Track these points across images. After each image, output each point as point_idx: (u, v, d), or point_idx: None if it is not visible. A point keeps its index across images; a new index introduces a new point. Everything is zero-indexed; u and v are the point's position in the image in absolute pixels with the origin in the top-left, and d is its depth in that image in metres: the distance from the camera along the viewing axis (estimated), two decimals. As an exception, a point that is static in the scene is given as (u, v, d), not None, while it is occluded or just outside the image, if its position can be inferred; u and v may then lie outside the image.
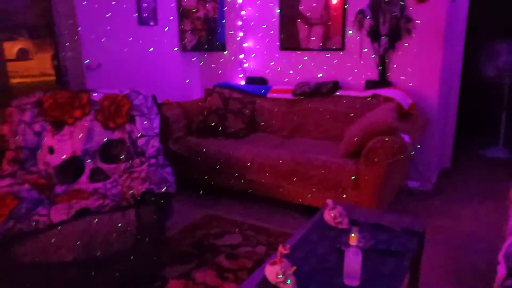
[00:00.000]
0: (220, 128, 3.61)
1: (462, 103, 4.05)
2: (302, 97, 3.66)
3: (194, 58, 4.38)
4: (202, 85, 4.41)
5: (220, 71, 4.31)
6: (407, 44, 3.39)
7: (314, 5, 3.74)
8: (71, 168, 2.63)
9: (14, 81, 3.80)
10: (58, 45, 3.44)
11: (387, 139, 2.66)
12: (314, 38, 3.80)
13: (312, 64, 3.85)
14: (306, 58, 3.88)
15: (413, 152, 2.99)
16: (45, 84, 4.68)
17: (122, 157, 2.66)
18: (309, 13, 3.79)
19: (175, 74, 4.21)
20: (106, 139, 2.67)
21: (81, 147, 2.64)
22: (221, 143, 3.42)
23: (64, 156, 2.60)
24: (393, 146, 2.64)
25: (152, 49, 3.88)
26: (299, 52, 3.91)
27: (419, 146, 3.31)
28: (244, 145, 3.32)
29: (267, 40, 4.08)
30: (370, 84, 3.54)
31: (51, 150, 2.61)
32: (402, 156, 2.68)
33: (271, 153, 3.10)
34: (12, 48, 4.11)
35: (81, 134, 2.66)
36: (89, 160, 2.63)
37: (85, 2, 3.30)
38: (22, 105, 2.63)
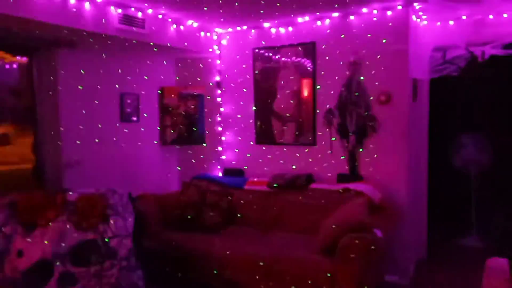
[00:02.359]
0: (196, 222, 3.60)
1: (432, 192, 4.21)
2: (277, 189, 3.75)
3: (171, 152, 4.51)
4: (180, 177, 4.49)
5: (200, 164, 4.42)
6: (372, 142, 3.61)
7: (287, 103, 4.01)
8: (39, 272, 2.55)
9: None
10: (39, 137, 3.50)
11: (359, 236, 2.71)
12: (287, 134, 4.02)
13: (286, 157, 4.02)
14: (280, 151, 4.06)
15: (385, 247, 3.03)
16: (23, 172, 4.66)
17: (93, 261, 2.60)
18: (282, 110, 4.05)
19: (154, 166, 4.30)
20: (78, 240, 2.64)
21: (52, 249, 2.59)
22: (197, 238, 3.40)
23: (33, 260, 2.54)
24: (366, 243, 2.69)
25: (133, 144, 4.01)
26: (273, 145, 4.10)
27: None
28: (220, 241, 3.30)
29: (244, 134, 4.28)
30: (341, 178, 3.68)
31: (20, 254, 2.55)
32: (375, 252, 2.71)
33: (247, 250, 3.09)
34: None
35: (52, 236, 2.62)
36: (58, 263, 2.57)
37: (69, 97, 3.46)
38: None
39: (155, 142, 4.32)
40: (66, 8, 2.94)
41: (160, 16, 3.64)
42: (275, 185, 3.77)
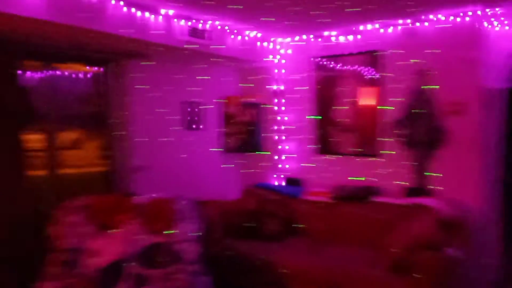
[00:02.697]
0: (256, 231, 3.61)
1: (508, 210, 3.91)
2: (337, 200, 3.67)
3: (233, 160, 4.58)
4: (240, 185, 4.54)
5: (259, 172, 4.45)
6: (442, 154, 3.43)
7: (348, 113, 3.94)
8: (112, 272, 2.67)
9: (64, 171, 3.90)
10: (110, 142, 3.68)
11: (435, 254, 2.57)
12: (348, 144, 3.94)
13: (347, 168, 3.93)
14: (341, 162, 3.98)
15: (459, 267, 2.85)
16: (93, 176, 4.90)
17: (162, 264, 2.68)
18: (343, 120, 3.98)
19: (215, 173, 4.38)
20: (148, 243, 2.74)
21: (123, 251, 2.71)
22: (258, 246, 3.40)
23: (106, 260, 2.67)
24: (442, 262, 2.55)
25: (196, 151, 4.12)
26: (334, 155, 4.03)
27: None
28: (280, 250, 3.28)
29: (303, 143, 4.25)
30: (408, 191, 3.53)
31: (95, 253, 2.69)
32: (451, 273, 2.56)
33: (309, 262, 3.04)
34: (65, 137, 4.24)
35: (124, 238, 2.74)
36: (130, 265, 2.67)
37: (138, 105, 3.63)
38: (72, 208, 2.78)
39: (217, 149, 4.41)
40: (139, 22, 3.10)
41: (221, 28, 3.74)
42: (335, 196, 3.69)
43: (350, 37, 3.94)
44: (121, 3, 2.95)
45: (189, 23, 3.41)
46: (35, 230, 2.89)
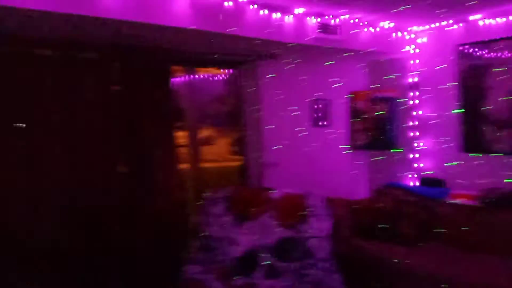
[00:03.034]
0: (390, 232, 3.42)
1: None
2: (488, 205, 3.24)
3: (361, 157, 4.42)
4: (369, 184, 4.36)
5: (391, 170, 4.21)
6: None
7: (502, 105, 3.44)
8: (248, 261, 2.82)
9: (203, 165, 4.25)
10: (244, 139, 3.88)
11: None
12: (503, 141, 3.44)
13: (500, 169, 3.44)
14: (492, 161, 3.50)
15: None
16: (228, 170, 5.22)
17: (294, 258, 2.74)
18: (495, 114, 3.49)
19: (343, 171, 4.30)
20: (281, 236, 2.83)
21: (258, 242, 2.84)
22: (391, 249, 3.21)
23: (243, 249, 2.84)
24: None
25: (323, 148, 4.10)
26: (483, 154, 3.57)
27: None
28: (416, 255, 3.05)
29: (444, 140, 3.86)
30: None
31: (234, 242, 2.88)
32: None
33: (448, 270, 2.75)
34: (202, 134, 4.60)
35: (260, 230, 2.87)
36: (264, 256, 2.79)
37: (269, 103, 3.77)
38: (214, 198, 3.03)
39: (345, 146, 4.32)
40: (270, 23, 3.19)
41: (352, 21, 3.62)
42: (485, 200, 3.27)
43: (501, 20, 3.44)
44: (256, 6, 3.09)
45: (319, 20, 3.40)
46: (183, 218, 3.23)
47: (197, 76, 4.40)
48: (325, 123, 4.16)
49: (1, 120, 2.55)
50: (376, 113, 4.22)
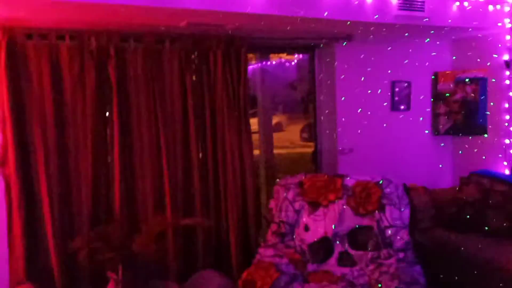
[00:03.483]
0: (476, 224, 3.17)
1: None
2: None
3: (445, 143, 4.12)
4: (454, 171, 4.05)
5: (479, 157, 3.87)
6: None
7: None
8: (322, 248, 2.81)
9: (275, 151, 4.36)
10: (317, 124, 3.83)
11: None
12: None
13: None
14: None
15: None
16: (300, 156, 5.17)
17: (370, 246, 2.67)
18: None
19: (424, 158, 4.04)
20: (355, 224, 2.76)
21: (332, 229, 2.81)
22: (478, 241, 2.98)
23: (316, 235, 2.82)
24: None
25: (402, 133, 3.89)
26: None
27: None
28: (508, 251, 2.79)
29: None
30: None
31: (306, 228, 2.88)
32: None
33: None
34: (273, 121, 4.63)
35: (333, 217, 2.84)
36: (338, 243, 2.76)
37: (344, 87, 3.65)
38: (287, 184, 3.04)
39: (426, 131, 4.05)
40: (349, 2, 3.05)
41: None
42: None
43: None
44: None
45: (402, -4, 3.18)
46: (256, 203, 3.30)
47: (269, 63, 4.42)
48: (405, 106, 3.93)
49: (100, 113, 2.78)
50: (461, 96, 3.89)
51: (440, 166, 4.08)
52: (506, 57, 3.70)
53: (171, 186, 2.92)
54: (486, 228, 3.11)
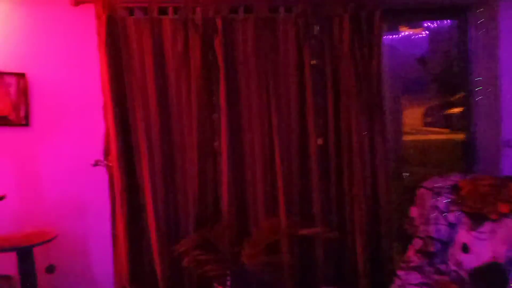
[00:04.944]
0: None
1: None
2: None
3: None
4: None
5: None
6: None
7: None
8: (489, 277, 2.06)
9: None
10: (470, 108, 3.00)
11: None
12: None
13: None
14: None
15: None
16: (438, 145, 4.41)
17: None
18: None
19: None
20: (546, 251, 1.94)
21: (505, 252, 2.03)
22: None
23: (482, 260, 2.07)
24: None
25: None
26: None
27: None
28: None
29: None
30: None
31: (465, 248, 2.13)
32: None
33: None
34: None
35: (506, 236, 2.05)
36: (515, 274, 1.98)
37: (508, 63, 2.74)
38: (437, 188, 2.31)
39: None
40: None
41: None
42: None
43: None
44: None
45: None
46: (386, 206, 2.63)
47: (395, 36, 3.76)
48: None
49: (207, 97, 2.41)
50: None
51: None
52: None
53: (284, 184, 2.42)
54: None
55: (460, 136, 3.22)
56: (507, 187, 2.15)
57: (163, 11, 2.34)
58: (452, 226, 2.19)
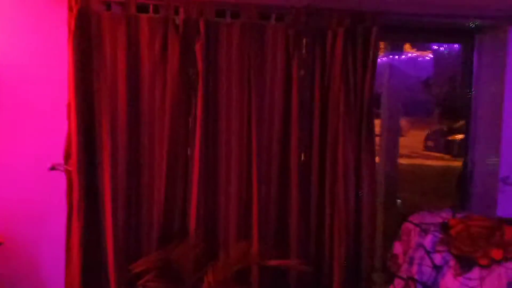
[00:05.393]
0: None
1: None
2: None
3: None
4: None
5: None
6: None
7: None
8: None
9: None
10: (470, 135, 2.80)
11: None
12: None
13: None
14: None
15: None
16: (430, 171, 4.30)
17: None
18: None
19: None
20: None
21: (495, 304, 1.82)
22: None
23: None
24: None
25: None
26: None
27: None
28: None
29: None
30: None
31: (450, 295, 1.93)
32: None
33: None
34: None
35: (497, 286, 1.84)
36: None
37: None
38: (424, 224, 2.10)
39: None
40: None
41: None
42: None
43: None
44: None
45: None
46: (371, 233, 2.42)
47: (396, 57, 3.71)
48: None
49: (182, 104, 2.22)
50: None
51: None
52: None
53: (260, 206, 2.22)
54: None
55: (460, 164, 3.04)
56: (500, 231, 1.96)
57: (143, 9, 2.17)
58: (437, 268, 1.98)
